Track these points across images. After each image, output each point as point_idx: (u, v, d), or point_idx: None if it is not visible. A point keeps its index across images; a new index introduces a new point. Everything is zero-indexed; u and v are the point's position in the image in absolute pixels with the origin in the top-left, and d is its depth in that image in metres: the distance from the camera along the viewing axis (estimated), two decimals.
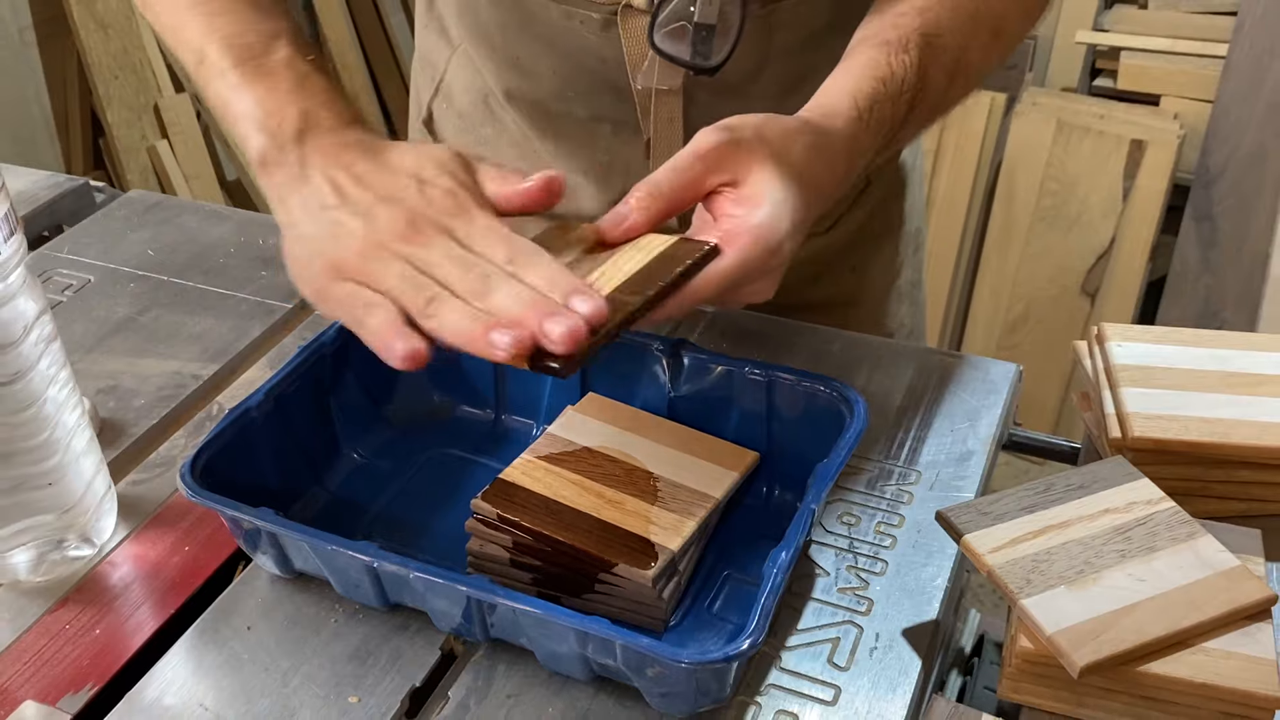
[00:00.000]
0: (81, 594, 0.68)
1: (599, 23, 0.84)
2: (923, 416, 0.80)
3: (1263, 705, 0.56)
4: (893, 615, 0.66)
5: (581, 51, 0.86)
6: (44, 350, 0.63)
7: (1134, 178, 2.20)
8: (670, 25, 0.79)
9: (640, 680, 0.58)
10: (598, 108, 0.90)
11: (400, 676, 0.62)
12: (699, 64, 0.80)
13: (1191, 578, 0.60)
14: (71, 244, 0.99)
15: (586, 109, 0.91)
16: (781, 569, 0.59)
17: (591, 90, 0.89)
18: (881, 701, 0.61)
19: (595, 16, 0.84)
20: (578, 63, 0.88)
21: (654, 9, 0.79)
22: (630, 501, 0.66)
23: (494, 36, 0.91)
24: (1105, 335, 0.78)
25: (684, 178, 0.66)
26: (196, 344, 0.87)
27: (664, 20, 0.79)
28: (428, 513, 0.73)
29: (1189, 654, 0.57)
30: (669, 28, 0.79)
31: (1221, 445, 0.70)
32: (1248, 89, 2.06)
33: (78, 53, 2.33)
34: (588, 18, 0.84)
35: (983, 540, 0.63)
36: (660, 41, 0.80)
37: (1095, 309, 2.28)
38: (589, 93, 0.89)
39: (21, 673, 0.63)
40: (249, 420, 0.68)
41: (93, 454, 0.69)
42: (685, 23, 0.79)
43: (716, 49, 0.79)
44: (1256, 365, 0.75)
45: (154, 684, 0.62)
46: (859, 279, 1.01)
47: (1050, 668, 0.58)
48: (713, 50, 0.79)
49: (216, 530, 0.71)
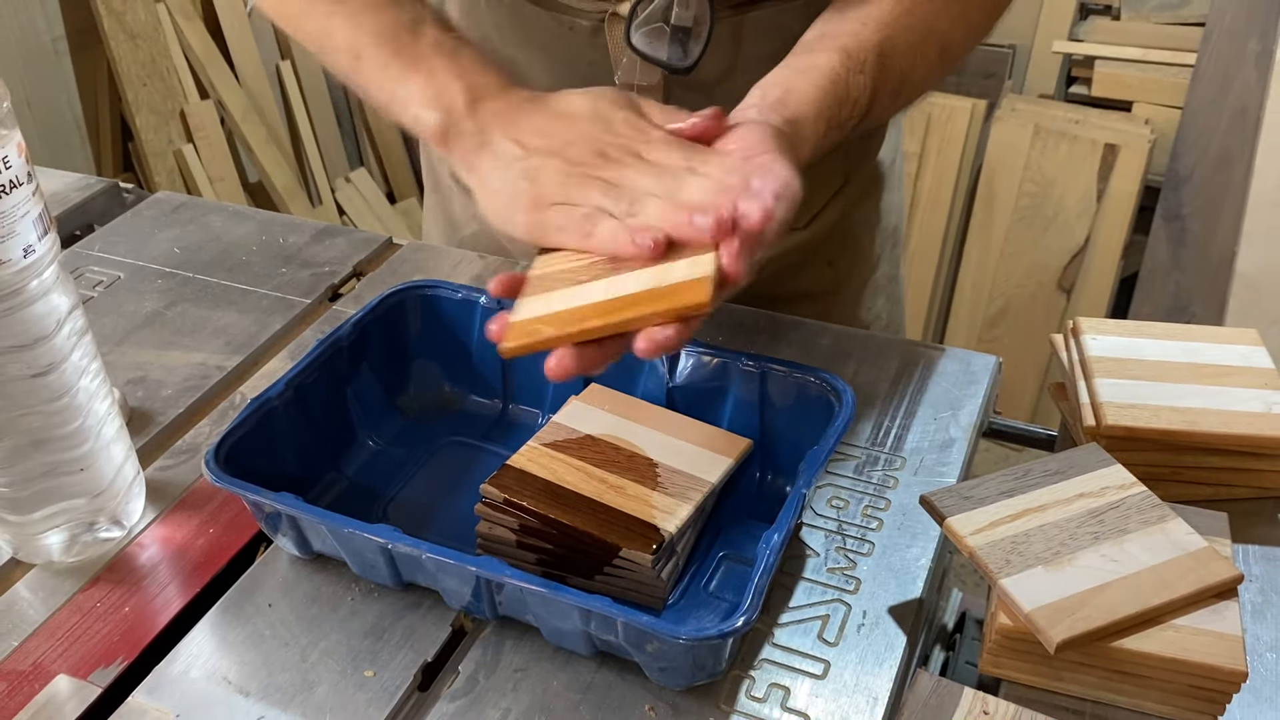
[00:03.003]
0: (112, 574, 0.68)
1: (588, 29, 0.85)
2: (907, 406, 0.79)
3: (1229, 679, 0.56)
4: (879, 594, 0.66)
5: (572, 54, 0.87)
6: (76, 343, 0.63)
7: (1107, 180, 2.19)
8: (648, 27, 0.79)
9: (640, 655, 0.58)
10: None
11: (413, 652, 0.62)
12: (674, 64, 0.80)
13: (1162, 558, 0.60)
14: (102, 242, 0.98)
15: None
16: (774, 550, 0.59)
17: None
18: (869, 675, 0.61)
19: (584, 23, 0.84)
20: (569, 65, 0.88)
21: (631, 10, 0.79)
22: (631, 486, 0.66)
23: (492, 38, 0.91)
24: (1080, 329, 0.77)
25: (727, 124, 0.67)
26: (220, 337, 0.87)
27: (641, 22, 0.79)
28: (439, 497, 0.73)
29: (1159, 630, 0.57)
30: (646, 29, 0.79)
31: (1190, 433, 0.69)
32: (1215, 96, 2.05)
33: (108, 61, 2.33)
34: (577, 24, 0.85)
35: (964, 523, 0.63)
36: (637, 42, 0.80)
37: (1070, 304, 2.28)
38: None
39: (55, 648, 0.63)
40: (270, 409, 0.68)
41: (122, 441, 0.69)
42: (662, 24, 0.79)
43: (690, 50, 0.79)
44: (1223, 357, 0.75)
45: (180, 658, 0.62)
46: (835, 272, 1.01)
47: (1028, 643, 0.58)
48: (687, 51, 0.79)
49: (239, 513, 0.71)
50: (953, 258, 2.38)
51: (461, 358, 0.78)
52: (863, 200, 1.00)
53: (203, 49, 2.46)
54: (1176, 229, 2.14)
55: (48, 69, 2.26)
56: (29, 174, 0.58)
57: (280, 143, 2.62)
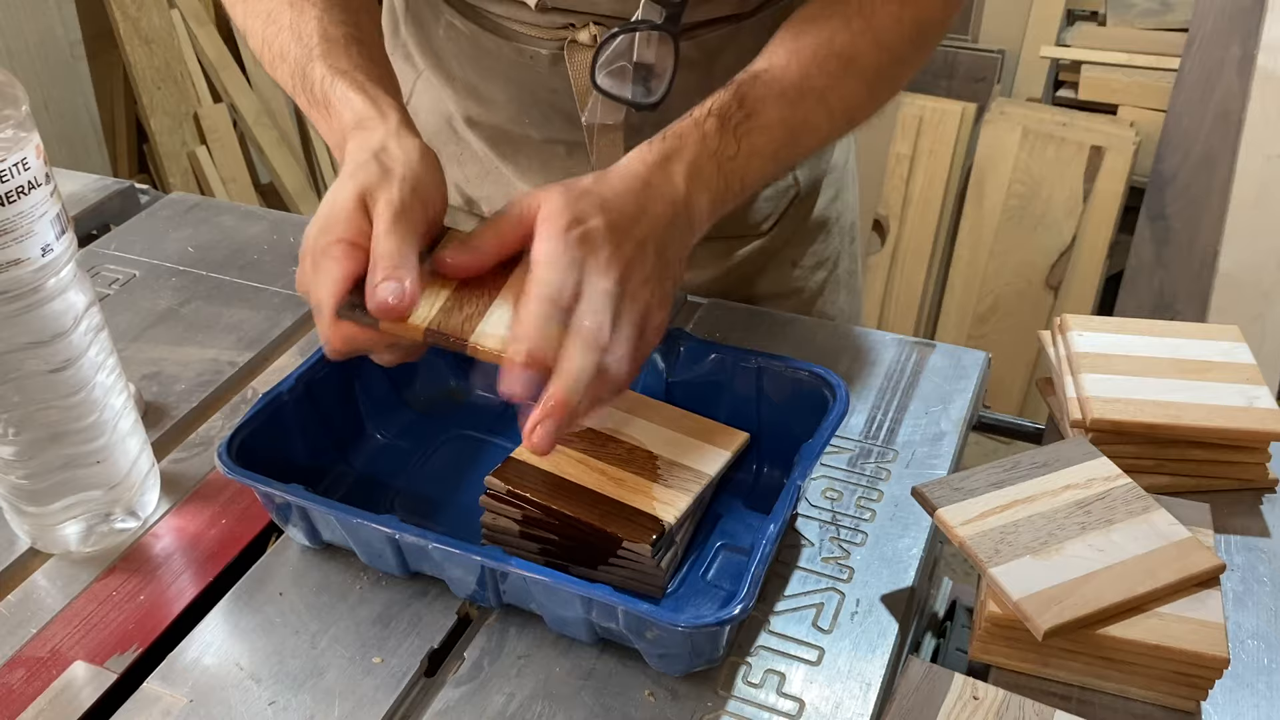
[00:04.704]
0: (127, 563, 0.68)
1: (547, 58, 0.83)
2: (899, 400, 0.79)
3: (1211, 665, 0.56)
4: (872, 582, 0.66)
5: (533, 82, 0.85)
6: (93, 339, 0.63)
7: (1094, 181, 2.19)
8: (611, 66, 0.77)
9: (640, 642, 0.58)
10: (551, 132, 0.88)
11: (420, 639, 0.62)
12: (639, 101, 0.78)
13: (1146, 548, 0.60)
14: (118, 241, 0.98)
15: (541, 133, 0.89)
16: (770, 540, 0.59)
17: (545, 117, 0.87)
18: (862, 662, 0.61)
19: (544, 52, 0.82)
20: (530, 92, 0.86)
21: (595, 51, 0.77)
22: (631, 479, 0.66)
23: (453, 69, 0.90)
24: (1067, 325, 0.77)
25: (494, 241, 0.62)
26: (233, 334, 0.87)
27: (605, 61, 0.77)
28: (445, 489, 0.73)
29: (1144, 618, 0.57)
30: (611, 68, 0.77)
31: (1174, 426, 0.69)
32: (1198, 99, 2.05)
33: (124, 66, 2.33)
34: (537, 54, 0.83)
35: (955, 513, 0.62)
36: (602, 81, 0.78)
37: (1058, 301, 2.28)
38: (543, 120, 0.88)
39: (72, 635, 0.63)
40: (281, 404, 0.68)
41: (137, 434, 0.69)
42: (625, 63, 0.77)
43: (653, 89, 0.77)
44: (1206, 353, 0.75)
45: (194, 645, 0.62)
46: (799, 272, 1.01)
47: (1017, 631, 0.58)
48: (650, 90, 0.78)
49: (251, 505, 0.71)
50: (944, 256, 2.38)
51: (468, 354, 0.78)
52: (820, 203, 1.00)
53: (215, 54, 2.46)
54: (1160, 228, 2.14)
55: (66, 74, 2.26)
56: (47, 175, 0.58)
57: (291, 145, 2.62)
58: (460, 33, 0.87)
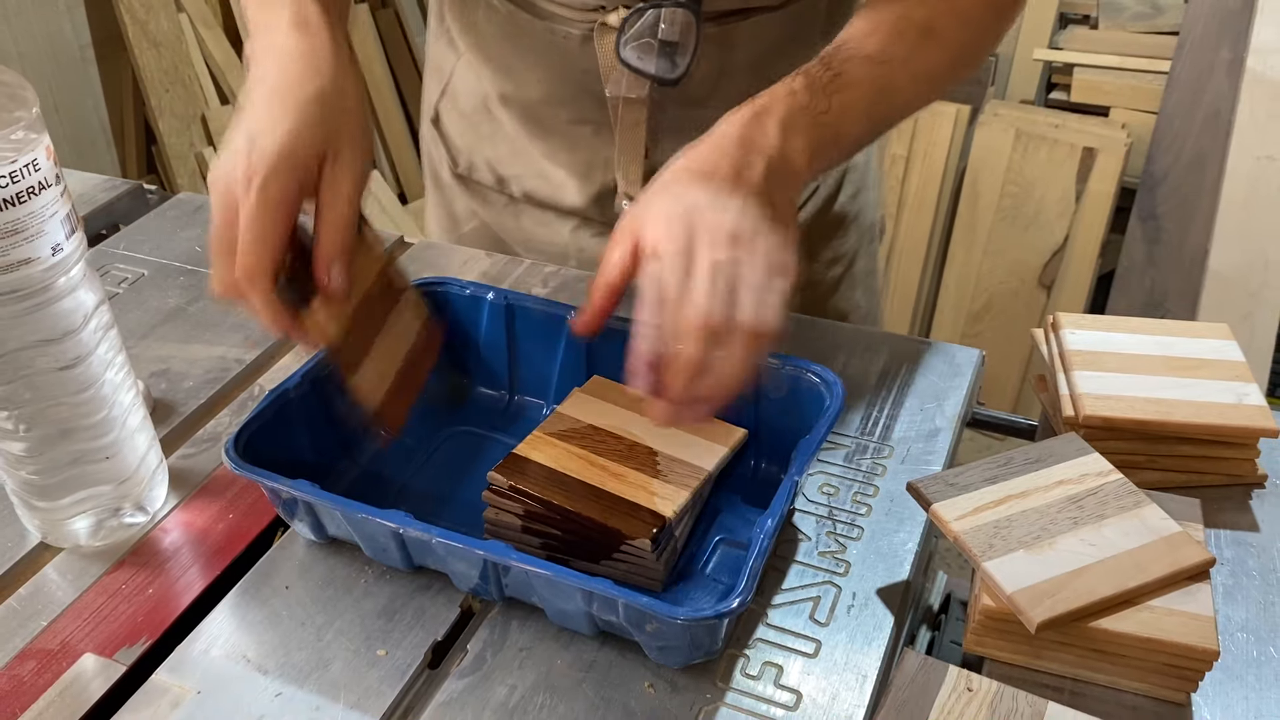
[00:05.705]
0: (136, 557, 0.67)
1: (578, 38, 0.85)
2: (895, 397, 0.79)
3: (1201, 657, 0.56)
4: (868, 576, 0.66)
5: (564, 63, 0.87)
6: (102, 337, 0.63)
7: (1086, 181, 2.19)
8: (637, 41, 0.79)
9: (640, 635, 0.58)
10: (580, 112, 0.90)
11: (424, 631, 0.62)
12: (662, 76, 0.80)
13: (1138, 542, 0.60)
14: (127, 241, 0.98)
15: (570, 113, 0.91)
16: (768, 534, 0.59)
17: (574, 97, 0.89)
18: (858, 654, 0.61)
19: (575, 33, 0.85)
20: (561, 72, 0.88)
21: (621, 26, 0.79)
22: (631, 474, 0.65)
23: (490, 48, 0.92)
24: (1060, 324, 0.77)
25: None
26: (239, 332, 0.87)
27: (630, 37, 0.79)
28: (448, 484, 0.73)
29: (1135, 611, 0.57)
30: (636, 43, 0.79)
31: (1164, 423, 0.69)
32: (1188, 101, 2.05)
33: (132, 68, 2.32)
34: (569, 34, 0.85)
35: (949, 508, 0.62)
36: (627, 56, 0.80)
37: (1050, 300, 2.28)
38: (572, 99, 0.90)
39: (82, 628, 0.63)
40: (287, 400, 0.68)
41: (146, 430, 0.68)
42: (650, 39, 0.79)
43: (677, 63, 0.79)
44: (1196, 351, 0.74)
45: (202, 638, 0.62)
46: (816, 265, 1.01)
47: (1010, 624, 0.58)
48: (674, 64, 0.79)
49: (257, 500, 0.71)
50: (938, 256, 2.38)
51: (469, 351, 0.78)
52: (839, 198, 1.00)
53: (223, 56, 2.46)
54: (1152, 228, 2.14)
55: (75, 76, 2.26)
56: (57, 176, 0.58)
57: None
58: (498, 12, 0.89)
